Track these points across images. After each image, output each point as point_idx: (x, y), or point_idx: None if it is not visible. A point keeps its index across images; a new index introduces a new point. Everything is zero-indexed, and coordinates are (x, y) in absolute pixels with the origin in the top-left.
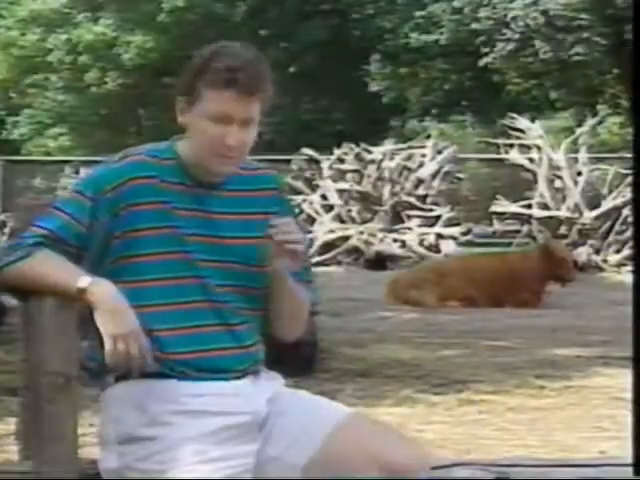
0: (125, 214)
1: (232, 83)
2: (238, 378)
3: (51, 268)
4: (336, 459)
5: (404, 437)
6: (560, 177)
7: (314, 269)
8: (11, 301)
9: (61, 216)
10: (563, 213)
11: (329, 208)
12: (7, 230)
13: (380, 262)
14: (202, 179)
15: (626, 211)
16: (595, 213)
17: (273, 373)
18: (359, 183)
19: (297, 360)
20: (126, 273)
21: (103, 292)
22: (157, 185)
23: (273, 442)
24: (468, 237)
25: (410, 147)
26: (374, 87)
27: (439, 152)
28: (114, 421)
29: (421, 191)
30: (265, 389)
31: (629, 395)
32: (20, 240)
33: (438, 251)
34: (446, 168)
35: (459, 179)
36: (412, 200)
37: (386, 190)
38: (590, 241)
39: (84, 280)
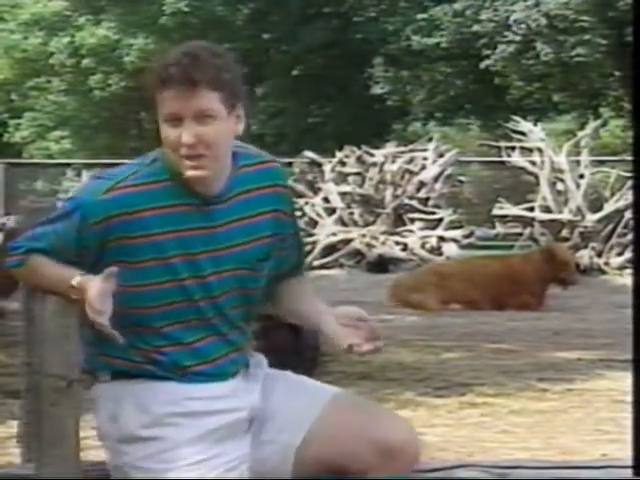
0: (115, 246)
1: (167, 81)
2: (233, 376)
3: (47, 270)
4: (328, 436)
5: (393, 413)
6: (562, 180)
7: (316, 272)
8: (10, 305)
9: (52, 237)
10: (565, 216)
11: (331, 211)
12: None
13: (382, 265)
14: (201, 194)
15: (628, 214)
16: (597, 216)
17: (258, 356)
18: (361, 186)
19: (299, 363)
20: (121, 298)
21: (84, 285)
22: (149, 215)
23: (267, 428)
24: (470, 240)
25: (412, 150)
26: (376, 90)
27: (441, 155)
28: (112, 419)
29: (423, 194)
30: (256, 380)
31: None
32: (15, 245)
33: (440, 254)
34: (448, 171)
35: (461, 182)
36: (414, 203)
37: (388, 193)
38: (592, 244)
39: (75, 279)
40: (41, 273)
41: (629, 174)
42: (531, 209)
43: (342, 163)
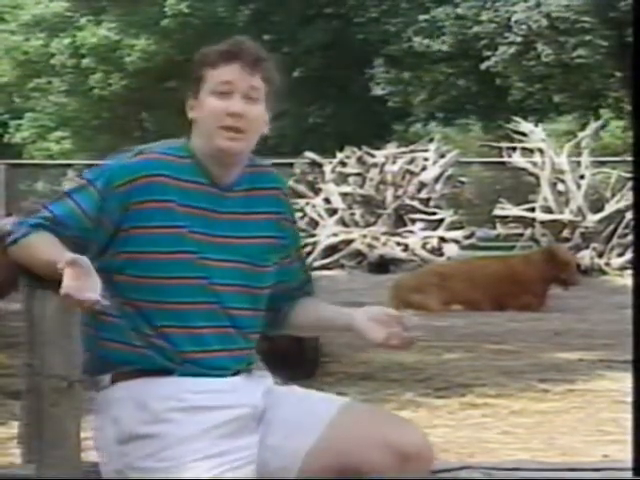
0: (135, 210)
1: (234, 56)
2: (233, 375)
3: (40, 250)
4: (341, 444)
5: (404, 418)
6: (563, 181)
7: (317, 273)
8: (9, 305)
9: (69, 204)
10: (566, 216)
11: (332, 212)
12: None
13: (383, 265)
14: (217, 179)
15: (629, 214)
16: (598, 216)
17: (263, 371)
18: (362, 186)
19: (300, 364)
20: (132, 268)
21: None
22: (169, 183)
23: (273, 433)
24: (471, 240)
25: (413, 151)
26: (377, 91)
27: (442, 156)
28: (113, 422)
29: (424, 194)
30: (259, 384)
31: None
32: (25, 220)
33: (441, 254)
34: (449, 172)
35: (462, 182)
36: (415, 203)
37: (389, 193)
38: (593, 244)
39: (60, 264)
40: (36, 251)
41: (630, 175)
42: (532, 210)
43: (343, 164)
